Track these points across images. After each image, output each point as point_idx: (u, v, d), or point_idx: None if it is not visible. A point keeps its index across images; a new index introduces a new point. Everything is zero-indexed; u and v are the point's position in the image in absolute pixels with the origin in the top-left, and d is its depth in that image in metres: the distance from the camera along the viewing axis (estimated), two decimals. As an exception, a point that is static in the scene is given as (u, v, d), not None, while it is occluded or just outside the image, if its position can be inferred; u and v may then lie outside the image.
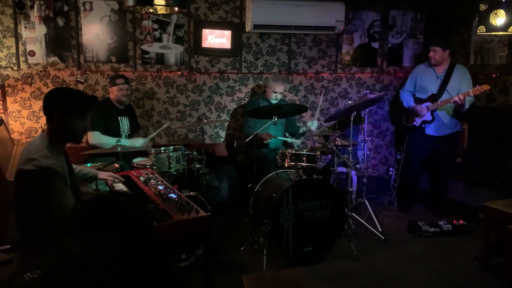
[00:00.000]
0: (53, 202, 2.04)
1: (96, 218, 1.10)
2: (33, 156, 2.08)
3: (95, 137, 4.01)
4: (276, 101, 4.50)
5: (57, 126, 2.21)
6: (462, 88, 4.40)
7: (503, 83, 4.80)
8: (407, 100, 4.75)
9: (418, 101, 4.65)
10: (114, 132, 4.13)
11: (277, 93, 4.47)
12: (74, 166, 2.76)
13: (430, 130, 4.61)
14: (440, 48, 4.48)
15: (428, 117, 4.55)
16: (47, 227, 2.02)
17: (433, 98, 4.52)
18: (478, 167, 4.62)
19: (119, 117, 4.21)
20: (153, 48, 4.70)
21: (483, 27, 3.52)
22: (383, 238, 4.03)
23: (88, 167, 2.95)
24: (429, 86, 4.60)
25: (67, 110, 2.20)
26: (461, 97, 4.22)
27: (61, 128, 2.21)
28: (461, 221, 4.21)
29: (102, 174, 2.93)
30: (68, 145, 2.41)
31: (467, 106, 4.36)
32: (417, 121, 4.61)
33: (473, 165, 4.71)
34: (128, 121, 4.28)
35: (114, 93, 4.17)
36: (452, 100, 4.29)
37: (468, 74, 4.55)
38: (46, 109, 2.22)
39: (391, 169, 5.47)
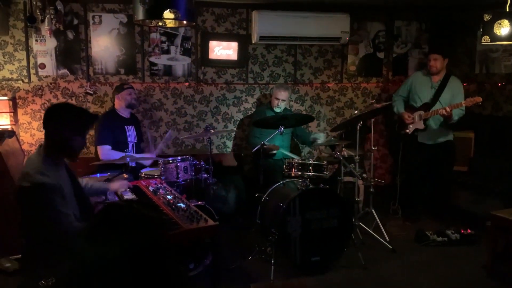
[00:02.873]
0: (48, 217, 2.07)
1: (112, 224, 1.13)
2: (29, 172, 2.12)
3: (105, 153, 4.00)
4: (280, 110, 4.54)
5: (55, 141, 2.22)
6: (454, 100, 4.38)
7: (509, 92, 4.80)
8: (398, 106, 4.75)
9: (411, 108, 4.65)
10: (122, 142, 4.13)
11: (279, 99, 4.49)
12: (85, 181, 2.78)
13: (422, 139, 4.59)
14: (441, 56, 4.47)
15: (420, 125, 4.56)
16: (49, 239, 2.07)
17: (426, 107, 4.52)
18: (485, 175, 4.62)
19: (125, 127, 4.22)
20: (161, 60, 4.77)
21: (488, 37, 3.54)
22: (391, 247, 4.02)
23: (99, 183, 2.99)
24: (423, 95, 4.58)
25: (65, 126, 2.21)
26: (448, 110, 4.24)
27: (58, 143, 2.22)
28: (469, 230, 4.19)
29: (114, 186, 2.96)
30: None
31: (455, 118, 4.36)
32: (410, 129, 4.60)
33: (479, 173, 4.71)
34: (134, 130, 4.30)
35: (124, 98, 4.18)
36: (438, 112, 4.32)
37: (462, 87, 4.53)
38: (46, 123, 2.25)
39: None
